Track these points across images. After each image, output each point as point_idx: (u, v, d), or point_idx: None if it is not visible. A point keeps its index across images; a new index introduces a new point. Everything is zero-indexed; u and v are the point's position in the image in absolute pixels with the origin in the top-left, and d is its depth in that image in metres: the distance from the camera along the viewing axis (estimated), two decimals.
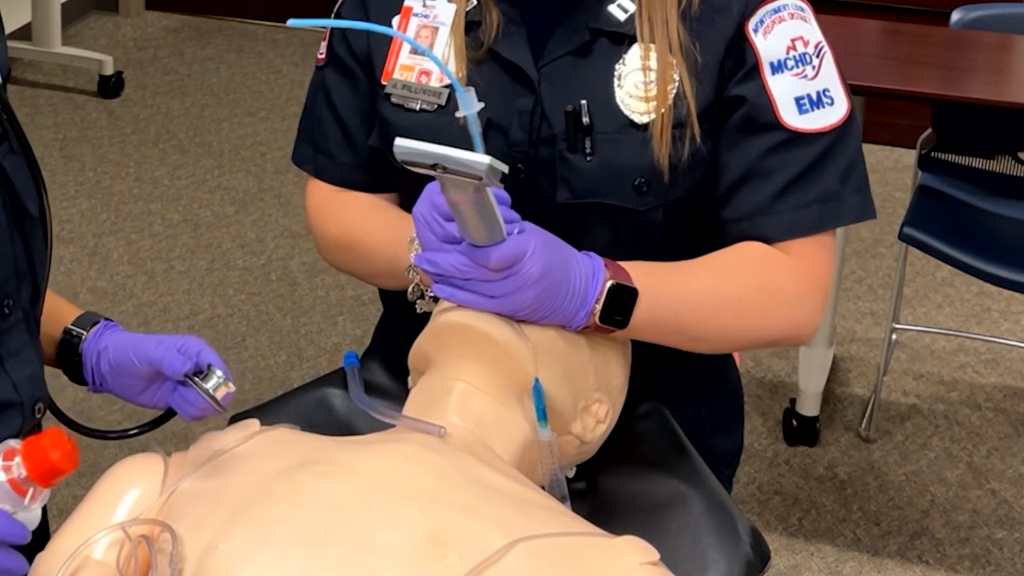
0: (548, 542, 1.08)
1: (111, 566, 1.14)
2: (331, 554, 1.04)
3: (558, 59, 1.38)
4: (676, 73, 1.35)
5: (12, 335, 1.25)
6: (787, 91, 1.37)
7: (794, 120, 1.37)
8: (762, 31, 1.37)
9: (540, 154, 1.38)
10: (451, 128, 1.38)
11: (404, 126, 1.41)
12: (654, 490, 1.32)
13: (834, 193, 1.38)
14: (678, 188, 1.38)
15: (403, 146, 1.12)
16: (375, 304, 3.42)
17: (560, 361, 1.26)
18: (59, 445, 1.00)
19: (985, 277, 2.75)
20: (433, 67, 1.41)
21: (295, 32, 5.12)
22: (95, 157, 4.09)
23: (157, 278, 3.47)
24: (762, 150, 1.37)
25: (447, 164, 1.10)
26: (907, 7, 4.24)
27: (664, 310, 1.31)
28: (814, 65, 1.38)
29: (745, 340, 1.40)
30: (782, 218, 1.37)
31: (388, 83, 1.43)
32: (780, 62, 1.37)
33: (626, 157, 1.36)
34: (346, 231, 1.47)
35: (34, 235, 1.27)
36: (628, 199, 1.37)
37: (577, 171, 1.37)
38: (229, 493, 1.13)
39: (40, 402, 1.29)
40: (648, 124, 1.36)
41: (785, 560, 2.64)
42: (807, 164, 1.37)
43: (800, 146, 1.37)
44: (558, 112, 1.37)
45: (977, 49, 2.98)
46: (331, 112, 1.49)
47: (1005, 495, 2.84)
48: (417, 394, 1.30)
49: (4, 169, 1.23)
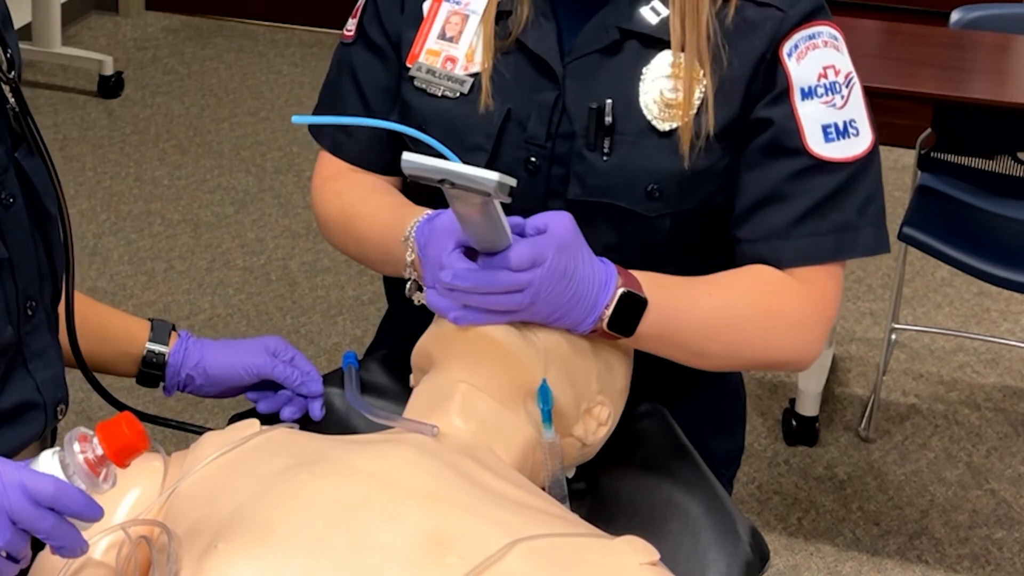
0: (548, 542, 1.08)
1: (111, 566, 1.14)
2: (331, 554, 1.04)
3: (585, 56, 1.38)
4: (703, 84, 1.35)
5: (36, 336, 1.26)
6: (815, 118, 1.36)
7: (819, 148, 1.36)
8: (796, 56, 1.37)
9: (557, 149, 1.39)
10: (471, 117, 1.39)
11: (425, 110, 1.42)
12: (654, 490, 1.32)
13: (851, 224, 1.38)
14: (690, 199, 1.38)
15: (410, 161, 1.12)
16: (375, 304, 3.42)
17: (564, 364, 1.26)
18: (133, 425, 1.03)
19: (985, 277, 2.75)
20: (459, 55, 1.42)
21: (295, 32, 5.12)
22: (95, 157, 4.09)
23: (157, 278, 3.47)
24: (785, 175, 1.36)
25: (455, 180, 1.10)
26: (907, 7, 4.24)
27: (671, 323, 1.31)
28: (843, 95, 1.37)
29: (746, 360, 1.39)
30: (798, 244, 1.37)
31: (413, 66, 1.44)
32: (811, 88, 1.36)
33: (643, 161, 1.36)
34: (345, 211, 1.48)
35: (54, 236, 1.28)
36: (639, 203, 1.37)
37: (592, 169, 1.37)
38: (229, 493, 1.13)
39: (62, 403, 1.30)
40: (669, 132, 1.36)
41: (785, 560, 2.64)
42: (827, 193, 1.37)
43: (823, 174, 1.36)
44: (579, 108, 1.37)
45: (977, 49, 2.97)
46: (355, 88, 1.49)
47: (1004, 495, 2.84)
48: (420, 394, 1.30)
49: (24, 170, 1.23)
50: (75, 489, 1.01)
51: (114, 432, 1.03)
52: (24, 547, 1.02)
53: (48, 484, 1.00)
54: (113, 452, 1.03)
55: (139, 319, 1.46)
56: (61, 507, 1.00)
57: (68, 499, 1.00)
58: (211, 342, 1.44)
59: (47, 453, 1.04)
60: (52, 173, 1.25)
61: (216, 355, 1.42)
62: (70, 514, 1.01)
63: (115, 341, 1.43)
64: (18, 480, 0.99)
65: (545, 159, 1.39)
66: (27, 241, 1.23)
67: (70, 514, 1.01)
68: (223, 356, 1.42)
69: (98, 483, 1.03)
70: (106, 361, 1.43)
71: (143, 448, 1.04)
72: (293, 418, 1.40)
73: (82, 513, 1.02)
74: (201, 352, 1.42)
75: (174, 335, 1.44)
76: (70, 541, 1.02)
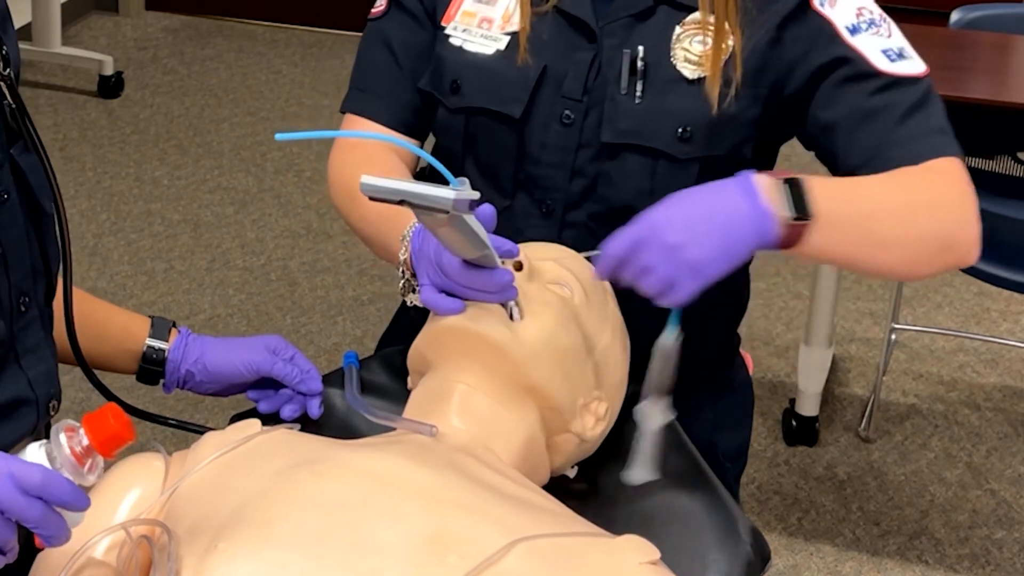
0: (548, 542, 1.08)
1: (112, 566, 1.14)
2: (331, 553, 1.04)
3: (619, 20, 1.43)
4: (730, 38, 1.40)
5: (28, 332, 1.26)
6: (871, 46, 1.40)
7: (888, 67, 1.40)
8: (827, 4, 1.42)
9: (592, 99, 1.43)
10: (508, 72, 1.44)
11: (462, 64, 1.46)
12: (655, 490, 1.32)
13: (947, 129, 1.40)
14: (718, 146, 1.42)
15: (369, 184, 1.11)
16: (375, 304, 3.42)
17: (559, 359, 1.26)
18: (119, 416, 1.05)
19: (985, 277, 2.75)
20: (495, 15, 1.47)
21: (295, 32, 5.12)
22: (95, 157, 4.09)
23: (157, 278, 3.48)
24: (867, 92, 1.39)
25: (412, 200, 1.10)
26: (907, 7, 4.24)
27: (848, 206, 1.29)
28: (886, 28, 1.43)
29: (924, 248, 1.34)
30: (912, 144, 1.37)
31: (449, 25, 1.48)
32: (855, 25, 1.41)
33: (673, 105, 1.41)
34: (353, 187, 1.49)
35: (49, 233, 1.28)
36: (670, 145, 1.41)
37: (625, 111, 1.42)
38: (230, 493, 1.13)
39: (54, 399, 1.31)
40: (698, 80, 1.41)
41: (784, 560, 2.64)
42: (913, 103, 1.39)
43: (902, 87, 1.39)
44: (614, 62, 1.42)
45: (976, 49, 2.98)
46: (388, 55, 1.53)
47: (1004, 495, 2.84)
48: (418, 396, 1.30)
49: (20, 167, 1.23)
50: (63, 478, 1.02)
51: (100, 423, 1.04)
52: (12, 538, 1.02)
53: (36, 473, 1.00)
54: (99, 442, 1.04)
55: (139, 316, 1.46)
56: (49, 496, 1.01)
57: (56, 488, 1.01)
58: (211, 339, 1.45)
59: (34, 445, 1.05)
60: (48, 170, 1.25)
61: (216, 352, 1.42)
62: (58, 503, 1.02)
63: (115, 338, 1.43)
64: (6, 469, 1.00)
65: (580, 112, 1.43)
66: (21, 237, 1.24)
67: (58, 503, 1.02)
68: (223, 353, 1.42)
69: (84, 473, 1.04)
70: (106, 358, 1.43)
71: (129, 439, 1.05)
72: (293, 416, 1.40)
73: (70, 502, 1.02)
74: (201, 349, 1.43)
75: (174, 332, 1.45)
76: (57, 530, 1.03)
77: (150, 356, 1.43)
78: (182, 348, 1.43)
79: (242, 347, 1.42)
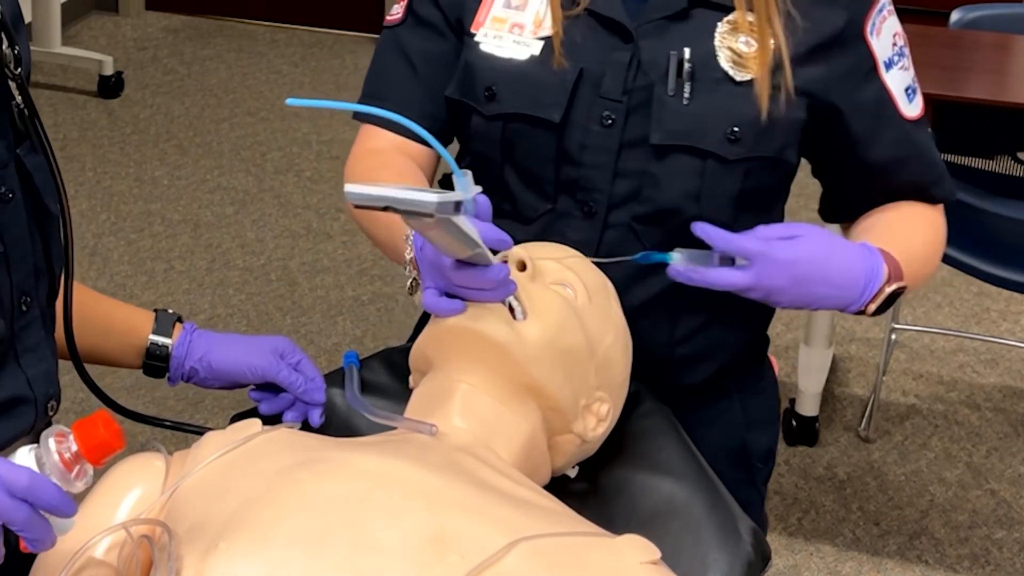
0: (549, 542, 1.08)
1: (113, 565, 1.14)
2: (332, 553, 1.04)
3: (654, 21, 1.43)
4: (773, 41, 1.41)
5: (29, 331, 1.26)
6: (899, 84, 1.48)
7: (908, 111, 1.49)
8: (875, 32, 1.45)
9: (634, 99, 1.42)
10: (544, 76, 1.43)
11: (496, 70, 1.45)
12: (656, 490, 1.32)
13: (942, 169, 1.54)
14: (766, 147, 1.43)
15: (353, 192, 1.10)
16: (375, 304, 3.42)
17: (562, 359, 1.26)
18: (109, 424, 1.05)
19: (984, 277, 2.75)
20: (526, 20, 1.46)
21: (295, 32, 5.12)
22: (95, 157, 4.09)
23: (157, 278, 3.48)
24: (891, 140, 1.48)
25: (396, 206, 1.09)
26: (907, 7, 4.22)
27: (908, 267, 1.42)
28: (907, 56, 1.50)
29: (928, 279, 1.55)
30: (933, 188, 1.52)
31: (479, 32, 1.47)
32: (890, 60, 1.47)
33: (723, 105, 1.41)
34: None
35: (53, 234, 1.28)
36: (719, 147, 1.41)
37: (673, 113, 1.41)
38: (230, 492, 1.13)
39: (53, 400, 1.30)
40: (745, 82, 1.41)
41: (785, 560, 2.64)
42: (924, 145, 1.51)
43: (918, 129, 1.50)
44: (656, 61, 1.42)
45: (976, 49, 2.98)
46: (405, 63, 1.52)
47: (1004, 495, 2.84)
48: (420, 396, 1.30)
49: (26, 167, 1.23)
50: (49, 483, 1.02)
51: (90, 430, 1.04)
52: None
53: (23, 476, 1.01)
54: (88, 450, 1.04)
55: (143, 311, 1.46)
56: (36, 499, 1.01)
57: (43, 492, 1.01)
58: (217, 335, 1.44)
59: (24, 449, 1.05)
60: (55, 171, 1.25)
61: (221, 351, 1.42)
62: (44, 507, 1.02)
63: (119, 333, 1.43)
64: None
65: (621, 113, 1.43)
66: (24, 237, 1.24)
67: (44, 507, 1.02)
68: (229, 353, 1.42)
69: (71, 480, 1.04)
70: (110, 353, 1.43)
71: (118, 447, 1.05)
72: (294, 422, 1.40)
73: (56, 507, 1.03)
74: (206, 346, 1.43)
75: (178, 326, 1.45)
76: (43, 534, 1.03)
77: (154, 352, 1.43)
78: (186, 344, 1.43)
79: (248, 349, 1.42)
